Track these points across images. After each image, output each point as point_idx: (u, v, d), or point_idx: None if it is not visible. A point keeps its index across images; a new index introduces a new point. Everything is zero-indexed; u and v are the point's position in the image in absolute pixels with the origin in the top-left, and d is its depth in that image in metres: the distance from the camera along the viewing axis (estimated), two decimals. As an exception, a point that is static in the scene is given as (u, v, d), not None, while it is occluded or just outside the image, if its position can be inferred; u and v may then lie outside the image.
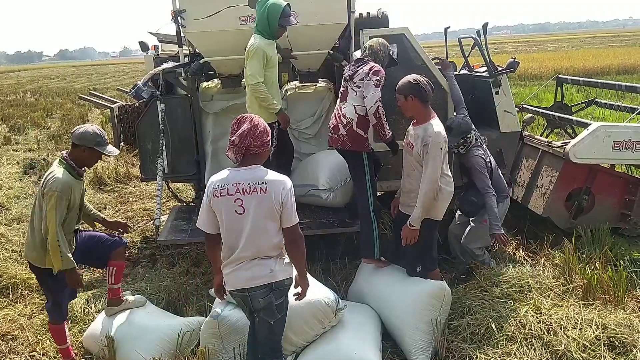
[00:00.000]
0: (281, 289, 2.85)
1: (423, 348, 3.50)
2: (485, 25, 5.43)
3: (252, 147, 2.76)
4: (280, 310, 2.87)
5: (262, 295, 2.80)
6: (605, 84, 7.03)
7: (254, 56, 4.25)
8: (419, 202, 3.68)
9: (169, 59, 5.64)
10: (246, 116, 2.83)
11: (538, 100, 11.99)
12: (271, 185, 2.72)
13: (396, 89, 3.84)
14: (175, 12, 4.74)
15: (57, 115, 16.68)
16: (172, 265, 5.24)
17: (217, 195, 2.75)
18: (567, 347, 3.23)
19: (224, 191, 2.74)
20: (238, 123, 2.80)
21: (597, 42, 48.16)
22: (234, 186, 2.73)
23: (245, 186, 2.72)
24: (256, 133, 2.76)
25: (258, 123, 2.80)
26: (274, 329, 2.89)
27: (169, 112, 5.11)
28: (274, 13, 4.23)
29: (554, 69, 21.14)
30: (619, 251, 4.68)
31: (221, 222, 2.78)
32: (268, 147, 2.85)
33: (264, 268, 2.78)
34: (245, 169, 2.77)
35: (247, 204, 2.71)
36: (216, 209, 2.77)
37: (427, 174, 3.63)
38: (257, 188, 2.71)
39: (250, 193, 2.71)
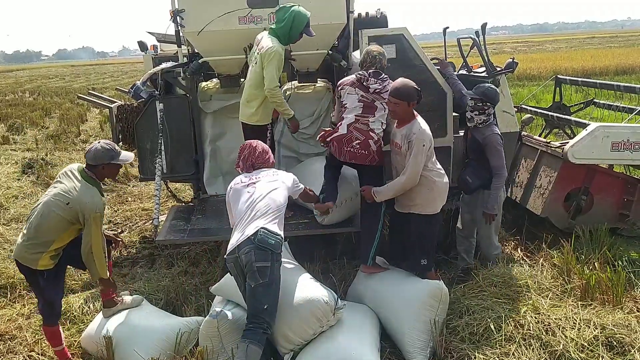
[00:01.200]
0: (263, 248, 3.14)
1: (421, 348, 3.50)
2: (484, 25, 5.43)
3: (256, 163, 3.58)
4: (262, 275, 3.10)
5: (245, 251, 3.14)
6: (603, 84, 7.04)
7: (274, 60, 4.21)
8: (392, 185, 3.89)
9: (168, 58, 5.63)
10: (248, 143, 3.65)
11: (537, 100, 12.00)
12: (281, 175, 3.55)
13: (398, 94, 3.80)
14: (174, 12, 4.74)
15: (56, 115, 16.66)
16: (170, 265, 5.24)
17: (233, 187, 3.49)
18: (565, 348, 3.24)
19: (239, 184, 3.47)
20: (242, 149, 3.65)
21: (595, 43, 48.21)
22: (248, 178, 3.50)
23: (258, 176, 3.48)
24: (256, 154, 3.59)
25: (257, 145, 3.63)
26: (255, 293, 3.12)
27: (168, 112, 5.12)
28: (301, 21, 4.29)
29: (552, 70, 21.17)
30: (617, 251, 4.69)
31: (235, 207, 3.40)
32: (270, 161, 3.64)
33: (253, 225, 3.22)
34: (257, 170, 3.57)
35: (259, 185, 3.41)
36: (233, 200, 3.44)
37: (409, 168, 3.77)
38: (270, 174, 3.50)
39: (262, 179, 3.45)
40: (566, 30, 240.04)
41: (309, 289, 3.40)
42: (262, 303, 3.13)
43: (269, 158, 3.65)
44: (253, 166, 3.58)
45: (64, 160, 9.94)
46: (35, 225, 3.47)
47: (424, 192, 3.87)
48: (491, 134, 4.27)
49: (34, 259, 3.47)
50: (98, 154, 3.55)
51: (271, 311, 3.16)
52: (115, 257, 5.62)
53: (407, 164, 3.78)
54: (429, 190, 3.86)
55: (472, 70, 5.96)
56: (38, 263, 3.47)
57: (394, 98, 3.82)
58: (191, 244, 5.49)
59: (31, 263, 3.48)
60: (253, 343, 3.06)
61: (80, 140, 12.33)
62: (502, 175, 4.25)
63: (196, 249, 5.49)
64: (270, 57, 4.20)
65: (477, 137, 4.32)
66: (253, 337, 3.08)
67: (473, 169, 4.39)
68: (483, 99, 4.28)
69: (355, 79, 4.12)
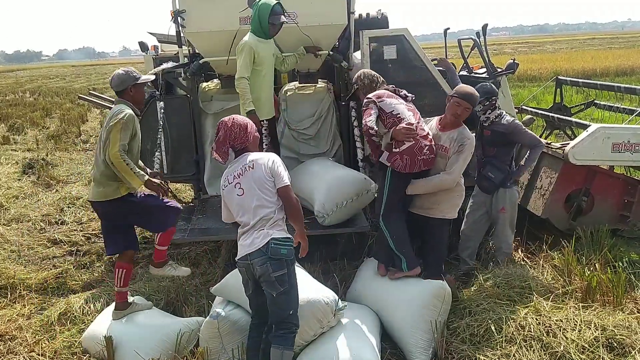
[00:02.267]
0: (278, 259, 3.07)
1: (423, 348, 3.50)
2: (485, 26, 5.44)
3: (236, 144, 3.22)
4: (281, 284, 3.06)
5: (259, 263, 3.06)
6: (604, 85, 7.04)
7: (241, 52, 4.41)
8: (432, 182, 3.94)
9: (169, 59, 5.64)
10: (221, 122, 3.27)
11: (537, 101, 12.00)
12: (257, 162, 3.18)
13: (472, 100, 3.95)
14: (175, 12, 4.74)
15: (56, 115, 16.67)
16: (171, 265, 5.23)
17: (223, 188, 3.25)
18: (566, 349, 3.23)
19: (226, 182, 3.23)
20: (217, 130, 3.27)
21: (596, 44, 48.23)
22: (231, 175, 3.22)
23: (239, 171, 3.19)
24: (231, 135, 3.21)
25: (232, 125, 3.23)
26: (276, 301, 3.07)
27: (169, 113, 5.12)
28: (264, 11, 4.36)
29: (553, 70, 21.17)
30: (618, 252, 4.68)
31: (232, 209, 3.24)
32: (251, 138, 3.26)
33: (262, 234, 3.09)
34: (238, 159, 3.25)
35: (243, 184, 3.16)
36: (227, 201, 3.25)
37: (456, 170, 3.89)
38: (247, 167, 3.18)
39: (243, 174, 3.17)
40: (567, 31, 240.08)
41: (310, 290, 3.40)
42: (286, 309, 3.10)
43: (249, 136, 3.25)
44: (233, 148, 3.23)
45: (64, 160, 9.95)
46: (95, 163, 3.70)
47: (454, 198, 4.02)
48: (511, 120, 4.43)
49: (113, 190, 3.66)
50: (122, 78, 3.70)
51: (295, 314, 3.15)
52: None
53: (452, 164, 3.90)
54: (458, 196, 4.05)
55: (473, 71, 5.97)
56: (119, 191, 3.65)
57: (467, 103, 3.92)
58: (191, 244, 5.49)
59: (113, 194, 3.66)
60: (287, 348, 3.07)
61: (80, 140, 12.34)
62: (540, 145, 4.45)
63: (197, 249, 5.49)
64: (239, 50, 4.42)
65: (500, 129, 4.37)
66: (286, 343, 3.08)
67: (492, 165, 4.43)
68: (487, 96, 4.33)
69: (389, 90, 4.15)
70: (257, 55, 4.41)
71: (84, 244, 5.96)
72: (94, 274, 5.25)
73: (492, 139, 4.41)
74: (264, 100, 4.62)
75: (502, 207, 4.46)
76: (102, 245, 5.90)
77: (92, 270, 5.35)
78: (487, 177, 4.44)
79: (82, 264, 5.47)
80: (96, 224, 6.55)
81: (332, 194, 4.36)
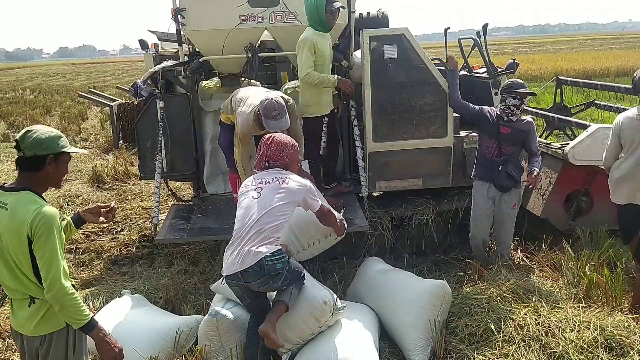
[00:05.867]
0: (275, 273, 3.05)
1: (422, 347, 3.50)
2: (485, 26, 5.44)
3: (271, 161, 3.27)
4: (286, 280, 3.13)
5: (260, 284, 3.06)
6: (604, 85, 7.03)
7: (302, 49, 4.47)
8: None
9: (169, 57, 5.63)
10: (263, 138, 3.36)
11: (537, 101, 12.00)
12: (292, 181, 3.18)
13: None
14: (175, 11, 4.74)
15: (57, 113, 16.68)
16: (170, 264, 5.24)
17: (243, 188, 3.26)
18: (564, 349, 3.23)
19: (249, 185, 3.24)
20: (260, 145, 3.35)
21: (596, 44, 48.21)
22: (258, 180, 3.23)
23: (269, 179, 3.19)
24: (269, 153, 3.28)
25: (270, 142, 3.29)
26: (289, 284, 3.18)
27: (168, 111, 5.11)
28: (321, 3, 4.43)
29: (553, 71, 21.17)
30: (617, 253, 4.68)
31: (238, 209, 3.19)
32: (287, 159, 3.29)
33: (252, 253, 3.01)
34: (271, 170, 3.27)
35: (265, 190, 3.14)
36: (239, 199, 3.23)
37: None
38: (280, 179, 3.18)
39: (271, 183, 3.17)
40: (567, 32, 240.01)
41: (308, 289, 3.40)
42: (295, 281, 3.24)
43: (285, 156, 3.29)
44: (268, 163, 3.29)
45: (64, 158, 9.94)
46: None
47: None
48: (530, 118, 4.53)
49: None
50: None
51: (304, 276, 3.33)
52: (115, 256, 5.63)
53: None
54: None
55: (473, 71, 5.97)
56: None
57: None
58: (191, 243, 5.48)
59: None
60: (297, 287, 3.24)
61: (81, 138, 12.34)
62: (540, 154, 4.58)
63: (196, 247, 5.48)
64: (299, 47, 4.49)
65: (522, 128, 4.41)
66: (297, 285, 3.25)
67: (513, 164, 4.44)
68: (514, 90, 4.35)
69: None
70: (317, 49, 4.48)
71: (83, 242, 5.97)
72: (92, 271, 5.25)
73: (513, 136, 4.42)
74: (323, 96, 4.68)
75: (514, 204, 4.54)
76: (101, 243, 5.91)
77: (91, 268, 5.36)
78: (510, 175, 4.42)
79: (81, 261, 5.47)
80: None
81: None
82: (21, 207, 2.29)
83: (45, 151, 2.35)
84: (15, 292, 2.40)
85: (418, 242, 5.20)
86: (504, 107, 4.37)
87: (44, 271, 2.28)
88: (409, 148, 4.93)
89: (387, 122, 4.90)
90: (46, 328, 2.40)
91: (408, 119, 4.88)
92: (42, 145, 2.34)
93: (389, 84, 4.84)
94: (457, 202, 5.14)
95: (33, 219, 2.26)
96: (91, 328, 2.39)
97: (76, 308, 2.33)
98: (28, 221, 2.26)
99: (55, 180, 2.48)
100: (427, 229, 5.10)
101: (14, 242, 2.29)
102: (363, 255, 4.89)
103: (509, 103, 4.33)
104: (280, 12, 4.81)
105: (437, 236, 5.18)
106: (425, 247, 5.24)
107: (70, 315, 2.35)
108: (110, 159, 9.77)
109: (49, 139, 2.37)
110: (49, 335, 2.41)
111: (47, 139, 2.36)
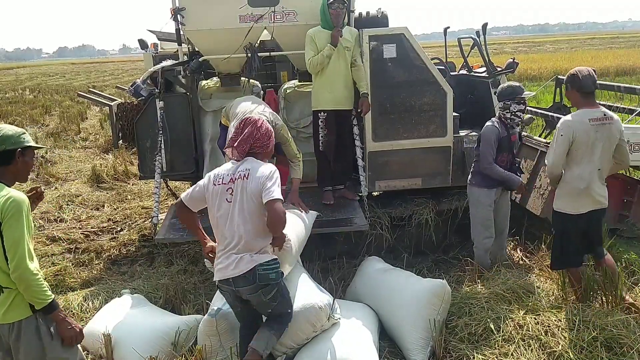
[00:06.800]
0: (267, 284, 2.96)
1: (422, 346, 3.50)
2: (485, 25, 5.44)
3: (253, 148, 3.07)
4: (274, 300, 3.01)
5: (249, 292, 2.96)
6: (604, 85, 7.03)
7: (305, 45, 4.66)
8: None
9: (168, 57, 5.63)
10: (250, 119, 3.13)
11: (537, 101, 12.00)
12: (253, 171, 2.97)
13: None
14: (175, 10, 4.74)
15: (56, 113, 16.66)
16: (170, 263, 5.24)
17: (215, 183, 3.03)
18: (564, 348, 3.23)
19: (220, 180, 3.02)
20: (243, 125, 3.10)
21: (596, 44, 48.20)
22: (228, 176, 3.01)
23: (236, 175, 2.99)
24: (257, 136, 3.06)
25: (260, 125, 3.09)
26: (272, 312, 3.09)
27: (168, 110, 5.11)
28: (324, 2, 4.58)
29: (553, 70, 21.15)
30: (617, 252, 4.68)
31: (212, 215, 3.03)
32: (270, 147, 3.13)
33: (245, 259, 2.93)
34: (242, 162, 3.05)
35: (235, 190, 2.96)
36: (211, 198, 3.03)
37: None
38: (242, 175, 2.97)
39: (238, 180, 2.97)
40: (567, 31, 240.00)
41: (304, 294, 3.38)
42: (283, 310, 3.11)
43: (270, 145, 3.13)
44: (250, 150, 3.06)
45: (64, 158, 9.95)
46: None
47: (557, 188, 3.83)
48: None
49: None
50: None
51: (291, 312, 3.17)
52: (115, 256, 5.63)
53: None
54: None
55: (473, 70, 5.97)
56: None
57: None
58: (190, 243, 5.47)
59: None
60: (275, 334, 3.09)
61: (80, 138, 12.33)
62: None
63: (195, 247, 5.48)
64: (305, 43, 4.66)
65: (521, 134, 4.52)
66: (277, 329, 3.10)
67: (519, 169, 4.50)
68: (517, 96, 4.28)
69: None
70: (316, 44, 4.60)
71: (83, 241, 5.97)
72: (92, 271, 5.25)
73: (517, 140, 4.47)
74: (326, 92, 4.69)
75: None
76: (100, 243, 5.91)
77: (90, 267, 5.35)
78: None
79: (81, 261, 5.47)
80: (95, 222, 6.55)
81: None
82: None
83: (13, 145, 2.54)
84: None
85: (417, 242, 5.20)
86: (510, 114, 4.27)
87: (12, 252, 2.40)
88: (409, 147, 4.93)
89: (387, 122, 4.90)
90: (14, 315, 2.51)
91: (407, 119, 4.89)
92: (10, 140, 2.54)
93: (389, 83, 4.84)
94: (456, 201, 5.15)
95: (4, 203, 2.41)
96: (53, 309, 2.53)
97: (40, 288, 2.46)
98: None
99: (23, 173, 2.66)
100: (427, 228, 5.10)
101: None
102: (362, 254, 4.88)
103: (513, 109, 4.25)
104: (279, 11, 4.80)
105: (437, 235, 5.18)
106: (425, 246, 5.24)
107: (33, 295, 2.47)
108: (110, 158, 9.76)
109: (16, 135, 2.57)
110: (18, 323, 2.52)
111: (14, 135, 2.56)
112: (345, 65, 4.70)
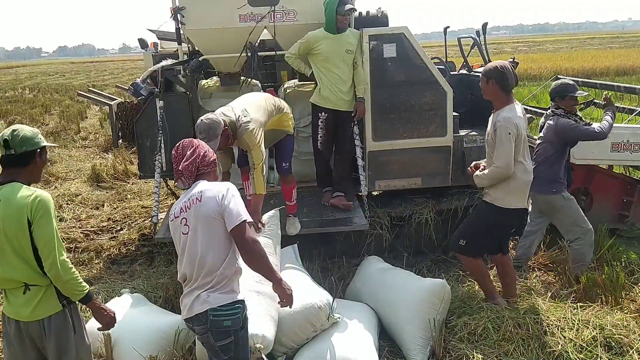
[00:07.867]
0: (219, 329, 2.59)
1: (422, 346, 3.50)
2: (485, 25, 5.44)
3: (200, 169, 2.70)
4: (225, 352, 2.61)
5: (200, 332, 2.66)
6: (604, 85, 7.04)
7: (300, 40, 4.66)
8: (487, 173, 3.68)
9: (168, 56, 5.63)
10: (185, 142, 2.77)
11: (537, 100, 11.99)
12: (206, 193, 2.60)
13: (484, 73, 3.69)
14: (175, 9, 4.74)
15: (56, 112, 16.67)
16: (169, 262, 5.23)
17: (171, 219, 2.75)
18: (564, 348, 3.23)
19: (172, 215, 2.73)
20: (181, 150, 2.74)
21: (596, 43, 48.22)
22: (178, 207, 2.69)
23: (187, 203, 2.65)
24: (202, 153, 2.71)
25: (198, 145, 2.74)
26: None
27: (168, 110, 5.10)
28: (332, 3, 4.52)
29: (553, 70, 21.15)
30: (617, 252, 4.68)
31: (177, 249, 2.76)
32: (215, 164, 2.78)
33: (201, 300, 2.61)
34: (193, 186, 2.69)
35: (189, 220, 2.63)
36: (173, 235, 2.76)
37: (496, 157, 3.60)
38: (194, 199, 2.61)
39: (190, 208, 2.63)
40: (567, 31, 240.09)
41: (304, 294, 3.37)
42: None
43: (213, 161, 2.77)
44: (198, 172, 2.70)
45: (63, 157, 9.95)
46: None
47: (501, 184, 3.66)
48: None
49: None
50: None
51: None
52: (114, 255, 5.63)
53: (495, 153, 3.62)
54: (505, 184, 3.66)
55: (473, 70, 5.97)
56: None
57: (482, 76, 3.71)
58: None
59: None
60: None
61: (80, 137, 12.34)
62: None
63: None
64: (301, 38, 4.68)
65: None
66: None
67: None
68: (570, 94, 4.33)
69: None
70: (316, 47, 4.62)
71: (83, 240, 5.97)
72: (92, 270, 5.25)
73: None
74: (330, 96, 4.73)
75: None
76: (100, 242, 5.91)
77: (90, 267, 5.36)
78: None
79: (81, 260, 5.47)
80: (94, 221, 6.55)
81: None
82: (16, 195, 2.44)
83: (32, 147, 2.54)
84: (10, 282, 2.53)
85: (417, 241, 5.20)
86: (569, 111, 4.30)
87: (46, 250, 2.43)
88: (409, 147, 4.93)
89: (387, 121, 4.90)
90: (44, 311, 2.54)
91: (407, 118, 4.89)
92: (30, 142, 2.53)
93: (389, 83, 4.84)
94: (456, 201, 5.14)
95: (32, 202, 2.42)
96: (89, 299, 2.61)
97: (77, 282, 2.52)
98: (27, 205, 2.42)
99: (39, 173, 2.66)
100: (427, 228, 5.10)
101: (13, 228, 2.43)
102: (362, 254, 4.88)
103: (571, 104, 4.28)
104: (279, 11, 4.80)
105: (437, 235, 5.18)
106: (425, 246, 5.24)
107: (72, 288, 2.52)
108: (110, 158, 9.76)
109: (34, 136, 2.56)
110: (47, 319, 2.55)
111: (33, 136, 2.56)
112: (349, 70, 4.73)
